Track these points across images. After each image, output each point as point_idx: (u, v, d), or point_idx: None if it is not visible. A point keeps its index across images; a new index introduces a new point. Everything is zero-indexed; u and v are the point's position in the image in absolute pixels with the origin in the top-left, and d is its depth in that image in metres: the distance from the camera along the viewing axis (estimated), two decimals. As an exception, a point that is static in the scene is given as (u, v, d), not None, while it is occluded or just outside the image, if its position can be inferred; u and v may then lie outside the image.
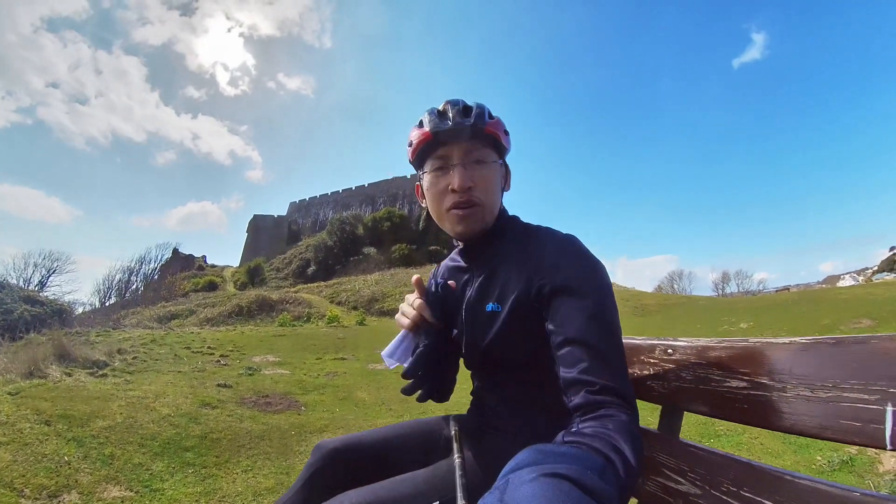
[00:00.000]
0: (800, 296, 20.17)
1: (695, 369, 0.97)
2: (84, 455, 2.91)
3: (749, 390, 0.84)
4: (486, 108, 1.05)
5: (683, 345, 1.02)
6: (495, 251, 1.07)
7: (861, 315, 9.54)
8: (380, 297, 31.97)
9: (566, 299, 0.91)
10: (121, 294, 53.33)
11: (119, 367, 6.26)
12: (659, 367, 1.07)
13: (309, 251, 59.45)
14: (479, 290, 1.07)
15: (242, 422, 4.10)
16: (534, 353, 0.99)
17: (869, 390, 0.65)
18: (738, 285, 50.60)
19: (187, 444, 3.32)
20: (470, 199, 1.02)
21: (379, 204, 67.00)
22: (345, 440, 1.14)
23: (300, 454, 3.46)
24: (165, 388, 4.99)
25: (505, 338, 1.01)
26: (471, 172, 1.02)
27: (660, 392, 1.06)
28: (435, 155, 1.05)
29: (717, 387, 0.91)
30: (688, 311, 18.37)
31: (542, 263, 0.96)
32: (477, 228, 1.05)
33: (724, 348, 0.91)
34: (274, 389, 5.86)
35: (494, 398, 1.11)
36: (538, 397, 1.03)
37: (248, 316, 27.46)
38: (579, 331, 0.87)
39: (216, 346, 10.34)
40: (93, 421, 3.47)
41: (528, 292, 0.96)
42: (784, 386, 0.77)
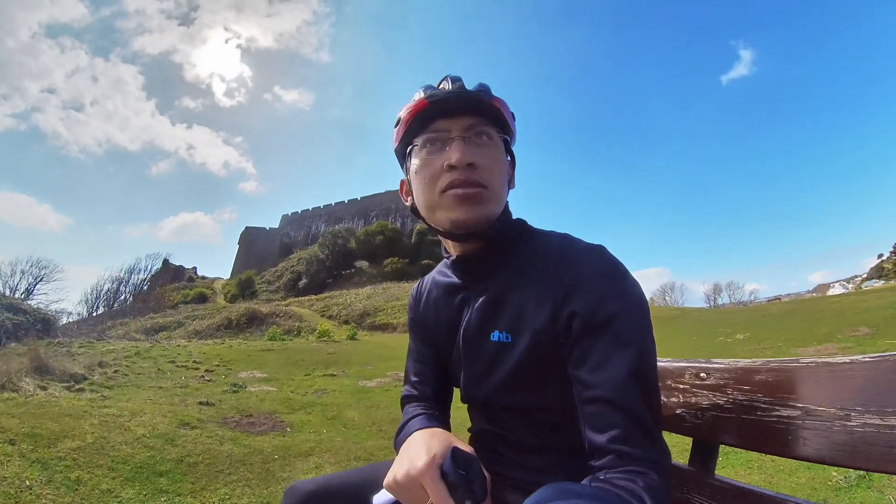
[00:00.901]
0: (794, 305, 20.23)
1: (735, 396, 0.82)
2: (48, 479, 2.70)
3: (804, 419, 0.70)
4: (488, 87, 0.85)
5: (720, 367, 0.88)
6: (501, 264, 0.87)
7: (857, 323, 9.50)
8: (371, 312, 31.69)
9: (602, 343, 0.72)
10: (109, 304, 52.62)
11: (98, 381, 6.01)
12: (690, 394, 0.92)
13: (301, 264, 59.11)
14: (480, 314, 0.87)
15: (223, 444, 3.87)
16: (555, 396, 0.80)
17: None
18: (730, 296, 50.98)
19: (161, 469, 3.10)
20: (472, 178, 0.80)
21: (372, 217, 66.98)
22: (320, 483, 0.96)
23: (283, 481, 3.24)
24: (143, 406, 4.75)
25: (519, 378, 0.82)
26: (473, 148, 0.81)
27: (692, 423, 0.90)
28: (429, 129, 0.83)
29: (764, 416, 0.76)
30: (683, 323, 18.25)
31: (575, 288, 0.75)
32: (481, 218, 0.82)
33: (770, 370, 0.77)
34: (259, 408, 5.62)
35: (501, 444, 0.91)
36: (554, 442, 0.84)
37: (238, 329, 27.10)
38: (615, 389, 0.69)
39: (202, 360, 10.07)
40: (61, 441, 3.25)
41: (552, 322, 0.76)
42: (847, 414, 0.64)
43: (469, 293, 0.90)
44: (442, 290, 0.97)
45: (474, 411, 0.97)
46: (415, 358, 1.05)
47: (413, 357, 1.06)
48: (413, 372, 1.04)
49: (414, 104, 0.83)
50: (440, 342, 0.97)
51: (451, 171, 0.80)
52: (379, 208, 68.80)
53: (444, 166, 0.81)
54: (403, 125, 0.85)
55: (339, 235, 58.60)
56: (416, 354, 1.05)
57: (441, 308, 0.96)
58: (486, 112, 0.83)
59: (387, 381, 8.95)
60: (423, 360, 1.03)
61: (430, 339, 1.01)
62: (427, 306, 1.01)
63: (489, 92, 0.84)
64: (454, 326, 0.92)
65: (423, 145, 0.84)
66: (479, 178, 0.80)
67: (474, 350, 0.87)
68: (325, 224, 71.45)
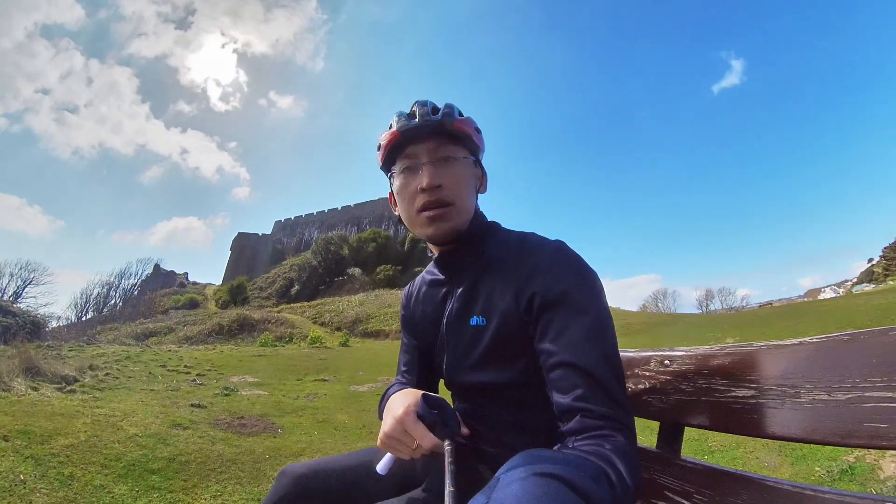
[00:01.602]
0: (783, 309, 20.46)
1: (695, 380, 0.89)
2: (42, 474, 2.74)
3: (758, 399, 0.75)
4: (455, 107, 0.99)
5: (681, 354, 0.94)
6: (476, 259, 1.00)
7: (845, 325, 9.64)
8: (364, 319, 31.63)
9: (559, 314, 0.82)
10: (98, 309, 52.04)
11: (89, 383, 6.00)
12: (655, 381, 0.99)
13: (293, 271, 58.88)
14: (461, 303, 0.98)
15: (214, 444, 3.91)
16: (524, 371, 0.90)
17: (893, 387, 0.58)
18: (721, 302, 51.15)
19: (154, 467, 3.14)
20: (439, 199, 0.95)
21: (364, 225, 66.99)
22: (312, 465, 1.06)
23: (273, 479, 3.29)
24: (135, 407, 4.77)
25: (492, 356, 0.93)
26: (440, 170, 0.96)
27: (658, 407, 0.98)
28: (403, 154, 0.99)
29: (722, 398, 0.82)
30: (674, 329, 18.42)
31: (533, 273, 0.88)
32: (448, 231, 0.97)
33: (726, 355, 0.84)
34: (250, 411, 5.65)
35: (479, 421, 1.00)
36: (528, 420, 0.94)
37: (229, 335, 26.92)
38: (574, 352, 0.79)
39: (193, 364, 10.04)
40: (54, 438, 3.28)
41: (516, 304, 0.88)
42: (797, 391, 0.70)
43: (451, 286, 1.03)
44: (428, 286, 1.11)
45: (455, 391, 1.07)
46: (404, 350, 1.18)
47: (403, 349, 1.19)
48: (402, 362, 1.17)
49: (389, 134, 0.98)
50: (426, 333, 1.09)
51: (422, 193, 0.95)
52: (371, 215, 68.85)
53: (417, 189, 0.95)
54: (383, 151, 1.00)
55: (332, 242, 58.50)
56: (406, 347, 1.18)
57: (428, 302, 1.09)
58: (451, 135, 0.97)
59: (378, 386, 8.98)
60: (411, 351, 1.16)
61: (418, 333, 1.13)
62: (416, 302, 1.14)
63: (452, 114, 0.97)
64: (439, 316, 1.04)
65: (401, 170, 0.99)
66: (445, 198, 0.95)
67: (456, 335, 0.98)
68: (318, 231, 71.34)
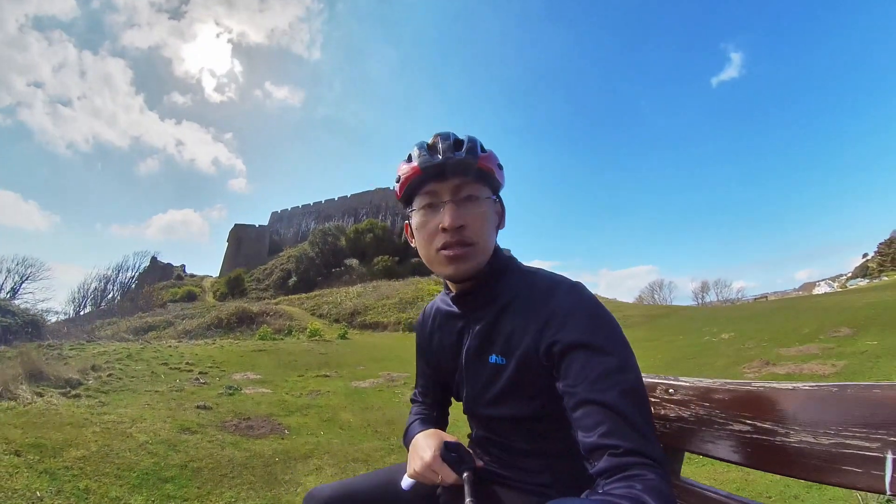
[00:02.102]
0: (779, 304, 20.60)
1: (697, 410, 0.96)
2: (57, 490, 2.75)
3: (752, 434, 0.83)
4: (478, 142, 0.99)
5: (686, 385, 1.01)
6: (494, 297, 1.01)
7: (840, 323, 9.72)
8: (362, 310, 31.65)
9: (579, 356, 0.84)
10: (96, 303, 51.98)
11: (93, 385, 6.02)
12: (660, 407, 1.05)
13: (290, 262, 58.70)
14: (479, 340, 1.01)
15: (224, 448, 3.95)
16: (542, 407, 0.94)
17: (870, 438, 0.67)
18: (717, 294, 51.60)
19: (167, 475, 3.17)
20: (461, 240, 0.95)
21: (361, 215, 66.71)
22: (337, 489, 1.08)
23: (285, 483, 3.33)
24: (142, 412, 4.80)
25: (511, 393, 0.96)
26: (462, 210, 0.95)
27: (661, 431, 1.03)
28: (424, 191, 0.98)
29: (720, 429, 0.90)
30: (670, 322, 18.58)
31: (553, 317, 0.89)
32: (469, 270, 0.97)
33: (727, 391, 0.90)
34: (256, 411, 5.70)
35: (496, 447, 1.06)
36: (545, 447, 0.98)
37: (228, 329, 26.91)
38: (596, 390, 0.80)
39: (195, 362, 10.05)
40: (66, 450, 3.30)
41: (536, 347, 0.90)
42: (787, 431, 0.77)
43: (467, 322, 1.05)
44: (444, 318, 1.13)
45: (475, 421, 1.12)
46: (420, 374, 1.26)
47: (420, 371, 1.26)
48: (420, 383, 1.27)
49: (410, 169, 0.97)
50: (443, 362, 1.13)
51: (444, 233, 0.95)
52: (369, 206, 68.53)
53: (438, 227, 0.95)
54: (402, 185, 1.00)
55: (329, 233, 58.31)
56: (421, 370, 1.25)
57: (444, 333, 1.12)
58: (475, 173, 0.96)
59: (379, 381, 9.04)
60: (426, 375, 1.24)
61: (433, 360, 1.18)
62: (432, 330, 1.17)
63: (476, 151, 0.96)
64: (457, 349, 1.07)
65: (421, 207, 0.98)
66: (467, 238, 0.95)
67: (475, 370, 1.02)
68: (315, 222, 71.04)
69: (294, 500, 3.06)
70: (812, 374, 6.30)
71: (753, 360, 7.66)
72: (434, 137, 0.98)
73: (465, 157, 0.94)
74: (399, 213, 26.97)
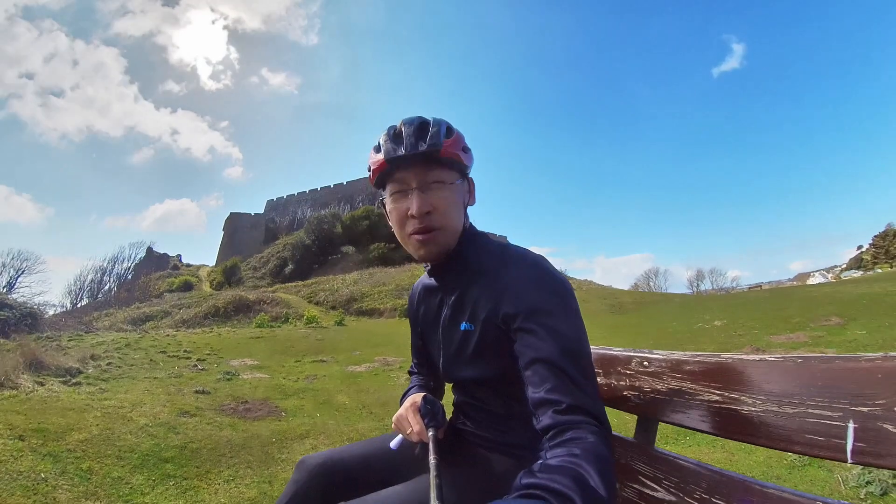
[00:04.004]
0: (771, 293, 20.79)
1: (669, 382, 1.01)
2: (61, 471, 2.85)
3: (721, 404, 0.88)
4: (443, 127, 1.03)
5: (658, 357, 1.07)
6: (463, 270, 1.09)
7: (830, 313, 9.88)
8: (358, 297, 31.79)
9: (531, 323, 0.92)
10: (93, 295, 51.93)
11: (93, 374, 6.12)
12: (635, 379, 1.11)
13: (286, 250, 58.68)
14: (452, 310, 1.11)
15: (222, 430, 4.07)
16: (508, 369, 1.02)
17: (832, 407, 0.70)
18: (712, 283, 51.96)
19: (167, 456, 3.28)
20: (429, 225, 1.02)
21: (357, 203, 66.54)
22: (328, 455, 1.17)
23: (282, 462, 3.45)
24: (142, 397, 4.91)
25: (479, 356, 1.06)
26: (429, 196, 1.01)
27: (636, 403, 1.10)
28: (393, 179, 1.04)
29: (691, 399, 0.95)
30: (663, 309, 18.74)
31: (508, 289, 0.97)
32: (437, 252, 1.05)
33: (697, 362, 0.96)
34: (253, 395, 5.81)
35: (474, 410, 1.16)
36: (516, 409, 1.07)
37: (225, 317, 27.01)
38: (544, 351, 0.88)
39: (192, 349, 10.18)
40: (68, 434, 3.39)
41: (495, 315, 0.99)
42: (754, 401, 0.82)
43: (443, 294, 1.15)
44: (426, 292, 1.23)
45: (455, 387, 1.23)
46: (413, 347, 1.38)
47: (413, 345, 1.38)
48: (415, 354, 1.39)
49: (377, 161, 1.04)
50: (428, 333, 1.24)
51: (412, 219, 1.02)
52: (364, 193, 68.26)
53: (407, 213, 1.02)
54: (373, 175, 1.07)
55: (325, 221, 58.18)
56: (414, 343, 1.37)
57: (427, 306, 1.23)
58: (439, 160, 1.02)
59: (375, 366, 9.16)
60: (418, 347, 1.35)
61: (421, 332, 1.29)
62: (419, 305, 1.28)
63: (439, 137, 1.01)
64: (437, 320, 1.17)
65: (391, 193, 1.06)
66: (434, 223, 1.02)
67: (450, 337, 1.12)
68: (311, 209, 70.79)
69: (290, 476, 3.17)
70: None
71: (744, 346, 7.79)
72: (399, 125, 1.04)
73: (428, 147, 0.99)
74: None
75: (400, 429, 1.08)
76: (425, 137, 1.00)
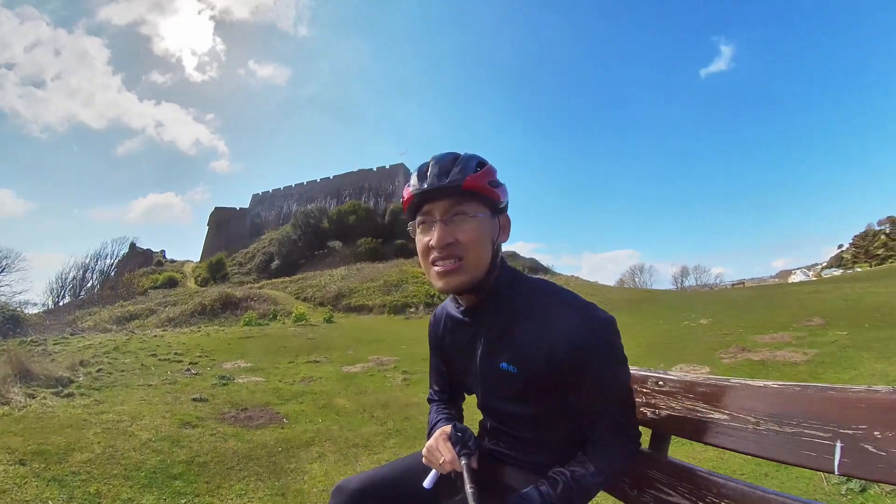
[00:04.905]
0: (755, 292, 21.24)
1: (683, 401, 1.13)
2: (69, 496, 2.74)
3: (729, 422, 1.01)
4: (471, 162, 1.05)
5: (673, 378, 1.19)
6: (501, 308, 1.10)
7: (812, 314, 10.12)
8: (347, 293, 31.61)
9: (584, 369, 1.01)
10: (75, 293, 50.92)
11: (84, 382, 5.99)
12: (651, 397, 1.23)
13: (273, 245, 58.02)
14: (489, 347, 1.12)
15: (227, 441, 4.03)
16: (551, 408, 1.09)
17: (824, 429, 0.84)
18: (696, 279, 52.75)
19: (175, 472, 3.24)
20: (449, 254, 1.03)
21: (344, 197, 65.97)
22: (365, 480, 1.19)
23: (291, 472, 3.43)
24: (140, 408, 4.82)
25: (522, 398, 1.10)
26: (452, 228, 1.03)
27: (651, 418, 1.21)
28: (420, 211, 1.08)
29: (702, 417, 1.07)
30: (651, 306, 19.02)
31: (560, 333, 1.01)
32: (458, 284, 1.05)
33: (709, 385, 1.09)
34: (252, 401, 5.77)
35: (507, 436, 1.20)
36: (547, 436, 1.14)
37: (212, 315, 26.66)
38: (597, 397, 1.04)
39: (183, 351, 10.04)
40: (70, 455, 3.30)
41: (548, 360, 1.02)
42: (757, 420, 0.95)
43: (477, 330, 1.16)
44: (455, 324, 1.24)
45: (488, 414, 1.27)
46: (436, 370, 1.39)
47: (434, 369, 1.39)
48: (435, 381, 1.39)
49: (407, 194, 1.09)
50: (457, 363, 1.26)
51: (433, 250, 1.05)
52: (352, 187, 67.68)
53: (429, 244, 1.05)
54: (405, 206, 1.12)
55: (312, 215, 57.66)
56: (436, 368, 1.38)
57: (456, 337, 1.24)
58: (461, 193, 1.04)
59: (370, 365, 9.15)
60: (441, 373, 1.36)
61: (447, 359, 1.31)
62: (444, 334, 1.29)
63: (464, 175, 1.04)
64: (470, 354, 1.18)
65: (418, 225, 1.09)
66: (457, 253, 1.04)
67: (487, 374, 1.14)
68: (297, 204, 70.02)
69: (302, 487, 3.15)
70: (785, 361, 6.59)
71: (730, 346, 7.95)
72: (430, 161, 1.08)
73: (450, 182, 1.02)
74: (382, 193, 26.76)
75: (431, 460, 1.09)
76: (449, 172, 1.03)
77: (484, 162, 1.08)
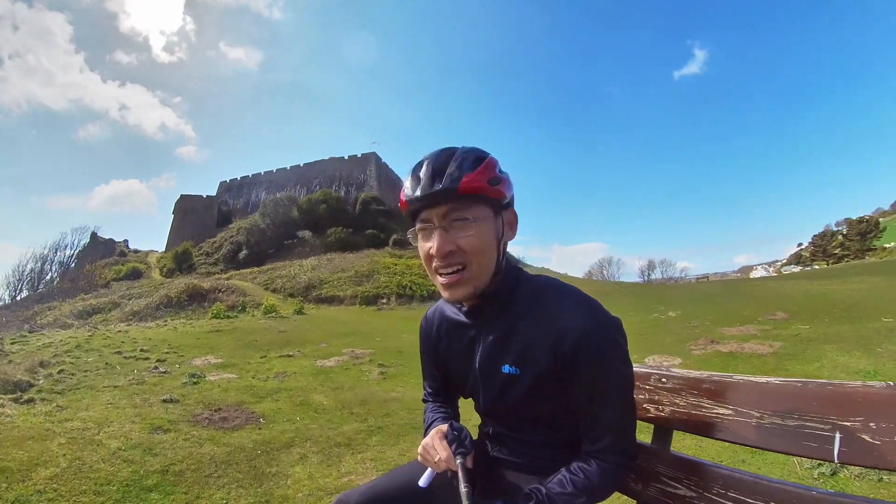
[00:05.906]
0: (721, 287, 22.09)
1: (688, 397, 1.16)
2: (36, 518, 2.54)
3: (734, 417, 1.05)
4: (466, 160, 0.99)
5: (677, 375, 1.21)
6: (503, 310, 1.07)
7: (776, 308, 10.58)
8: (317, 284, 31.22)
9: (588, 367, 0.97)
10: (33, 286, 48.53)
11: (45, 385, 5.65)
12: (654, 393, 1.25)
13: (241, 234, 56.47)
14: (491, 350, 1.09)
15: (202, 445, 3.87)
16: (555, 408, 1.06)
17: (824, 421, 0.89)
18: (662, 272, 54.53)
19: (149, 483, 3.07)
20: (452, 263, 0.99)
21: (315, 186, 64.70)
22: (366, 493, 1.15)
23: (273, 476, 3.32)
24: (107, 413, 4.59)
25: (527, 400, 1.06)
26: (452, 234, 0.98)
27: (654, 414, 1.24)
28: (418, 217, 1.02)
29: (707, 413, 1.10)
30: (620, 299, 19.50)
31: (563, 331, 0.97)
32: (465, 295, 1.02)
33: (713, 382, 1.11)
34: (225, 400, 5.59)
35: (512, 441, 1.17)
36: (553, 438, 1.12)
37: (178, 307, 25.90)
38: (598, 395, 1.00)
39: (149, 347, 9.66)
40: (34, 471, 3.06)
41: (551, 360, 0.99)
42: (762, 414, 0.99)
43: (478, 331, 1.12)
44: (452, 326, 1.19)
45: (490, 419, 1.23)
46: (428, 374, 1.34)
47: (427, 373, 1.34)
48: (428, 384, 1.35)
49: (401, 201, 1.04)
50: (454, 366, 1.21)
51: (435, 258, 1.00)
52: (322, 176, 66.35)
53: (430, 251, 1.00)
54: (403, 211, 1.06)
55: (281, 204, 56.42)
56: (429, 372, 1.33)
57: (453, 340, 1.19)
58: (461, 198, 0.98)
59: (344, 359, 9.06)
60: (434, 377, 1.32)
61: (442, 364, 1.26)
62: (439, 337, 1.24)
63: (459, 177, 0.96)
64: (468, 357, 1.14)
65: (418, 232, 1.04)
66: (459, 261, 0.99)
67: (489, 378, 1.10)
68: (266, 192, 68.30)
69: (286, 493, 3.04)
70: (752, 353, 6.87)
71: (699, 338, 8.23)
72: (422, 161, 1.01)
73: (444, 186, 0.96)
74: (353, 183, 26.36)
75: (427, 458, 1.06)
76: (444, 172, 0.97)
77: (483, 155, 1.01)
